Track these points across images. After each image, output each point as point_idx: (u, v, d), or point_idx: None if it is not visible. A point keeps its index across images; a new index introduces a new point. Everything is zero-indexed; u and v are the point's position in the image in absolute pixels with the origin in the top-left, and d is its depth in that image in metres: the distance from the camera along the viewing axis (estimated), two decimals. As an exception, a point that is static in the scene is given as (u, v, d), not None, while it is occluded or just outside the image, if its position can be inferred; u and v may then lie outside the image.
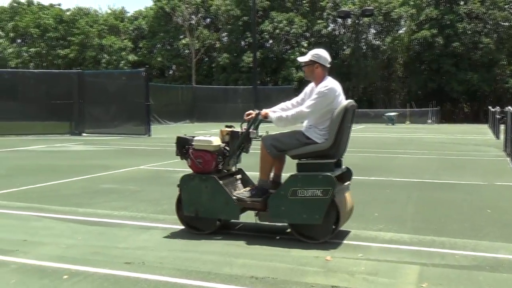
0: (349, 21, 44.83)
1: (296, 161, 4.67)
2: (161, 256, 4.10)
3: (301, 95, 4.96)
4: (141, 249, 4.31)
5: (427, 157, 12.44)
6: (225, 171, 4.98)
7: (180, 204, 4.87)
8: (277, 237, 4.73)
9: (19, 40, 52.19)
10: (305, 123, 4.74)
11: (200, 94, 37.13)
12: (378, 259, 4.06)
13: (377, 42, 45.93)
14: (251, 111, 4.90)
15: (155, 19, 49.64)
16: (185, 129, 26.83)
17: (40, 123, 21.71)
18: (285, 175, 4.76)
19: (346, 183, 4.87)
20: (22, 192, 7.20)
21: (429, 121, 36.04)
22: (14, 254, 4.14)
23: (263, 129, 5.22)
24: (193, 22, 47.33)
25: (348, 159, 11.39)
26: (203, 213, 4.72)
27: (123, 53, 48.43)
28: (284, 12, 43.61)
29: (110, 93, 22.80)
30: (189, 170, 4.85)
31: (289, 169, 4.79)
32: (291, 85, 39.28)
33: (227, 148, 4.90)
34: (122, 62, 47.61)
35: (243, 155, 5.12)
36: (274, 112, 4.81)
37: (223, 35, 48.66)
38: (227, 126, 4.98)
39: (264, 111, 4.80)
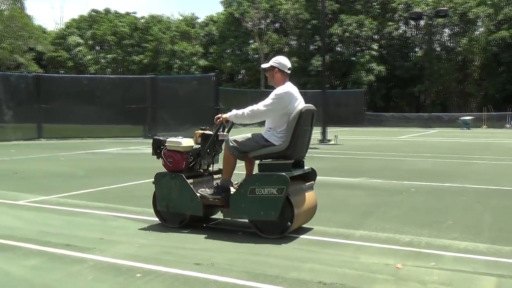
0: (422, 22, 43.56)
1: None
2: (229, 258, 4.15)
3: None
4: (210, 250, 4.38)
5: (505, 163, 11.85)
6: (201, 170, 5.37)
7: (155, 200, 5.32)
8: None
9: (97, 47, 54.64)
10: (266, 126, 5.07)
11: (268, 98, 37.27)
12: (452, 268, 3.90)
13: (452, 44, 44.32)
14: (220, 115, 5.20)
15: (225, 24, 50.45)
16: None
17: (116, 127, 22.62)
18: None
19: (308, 183, 5.13)
20: (100, 193, 7.52)
21: (508, 125, 34.30)
22: (91, 251, 4.34)
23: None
24: (262, 26, 47.67)
25: (419, 164, 11.01)
26: (173, 208, 5.15)
27: (194, 58, 49.55)
28: (353, 15, 43.03)
29: (181, 97, 23.40)
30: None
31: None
32: (360, 88, 38.69)
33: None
34: (193, 67, 48.73)
35: None
36: (233, 111, 5.11)
37: (291, 39, 48.69)
38: (201, 129, 5.37)
39: (223, 115, 5.12)
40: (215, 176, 5.44)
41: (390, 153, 14.42)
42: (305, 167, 5.18)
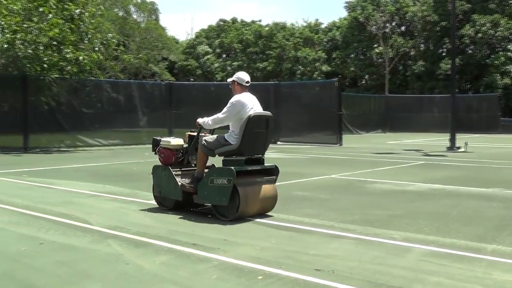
0: None
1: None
2: (350, 266, 4.08)
3: None
4: (331, 257, 4.34)
5: None
6: (193, 165, 6.46)
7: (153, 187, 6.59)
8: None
9: (224, 55, 56.96)
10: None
11: (393, 103, 36.23)
12: None
13: None
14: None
15: (349, 29, 49.95)
16: (376, 138, 26.42)
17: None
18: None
19: (266, 177, 6.06)
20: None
21: None
22: (216, 251, 4.50)
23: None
24: (387, 30, 46.49)
25: None
26: (164, 193, 6.40)
27: (317, 64, 49.66)
28: (487, 15, 40.30)
29: (304, 103, 23.51)
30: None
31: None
32: (495, 92, 36.09)
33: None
34: (315, 72, 48.87)
35: None
36: (204, 118, 6.20)
37: (418, 42, 46.85)
38: (191, 131, 6.49)
39: (198, 120, 6.24)
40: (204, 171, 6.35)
41: (528, 162, 13.26)
42: (269, 164, 6.15)
